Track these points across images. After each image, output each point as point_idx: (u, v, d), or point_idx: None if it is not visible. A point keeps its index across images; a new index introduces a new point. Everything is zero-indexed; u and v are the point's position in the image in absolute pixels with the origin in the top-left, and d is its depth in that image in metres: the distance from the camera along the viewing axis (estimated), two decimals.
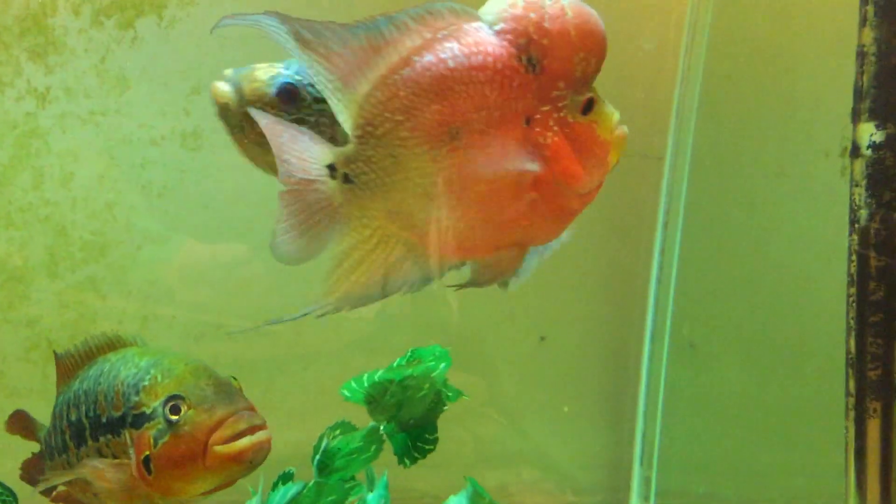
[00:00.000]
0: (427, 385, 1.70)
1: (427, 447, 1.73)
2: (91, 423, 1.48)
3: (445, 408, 1.75)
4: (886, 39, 1.35)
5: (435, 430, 1.76)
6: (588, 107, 1.18)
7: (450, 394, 1.75)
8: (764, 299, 2.59)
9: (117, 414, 1.44)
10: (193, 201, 2.28)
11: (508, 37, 1.15)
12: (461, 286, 1.26)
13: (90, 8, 2.12)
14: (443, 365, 1.74)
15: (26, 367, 2.21)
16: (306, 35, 1.15)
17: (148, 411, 1.40)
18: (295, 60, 1.34)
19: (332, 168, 1.18)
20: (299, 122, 1.32)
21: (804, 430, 2.48)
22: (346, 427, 1.79)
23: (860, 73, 1.40)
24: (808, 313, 2.51)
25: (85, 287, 2.22)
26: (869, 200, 1.38)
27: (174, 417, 1.37)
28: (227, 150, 2.24)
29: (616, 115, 1.21)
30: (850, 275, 1.44)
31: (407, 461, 1.73)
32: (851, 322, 1.42)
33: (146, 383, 1.42)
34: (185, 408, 1.37)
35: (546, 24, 1.15)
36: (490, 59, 1.14)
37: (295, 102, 1.35)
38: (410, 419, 1.74)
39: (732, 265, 2.62)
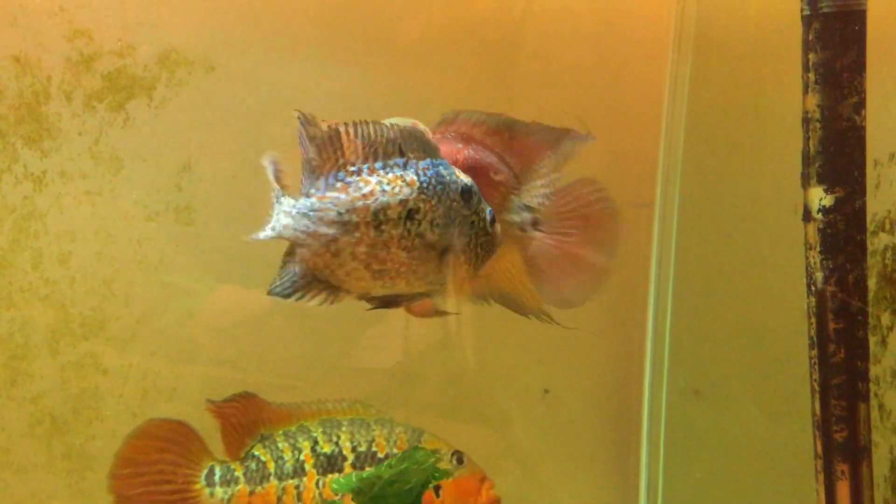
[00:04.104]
0: (415, 479, 1.74)
1: None
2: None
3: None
4: (829, 106, 1.37)
5: None
6: None
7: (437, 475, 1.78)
8: (762, 338, 2.57)
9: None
10: (190, 274, 2.33)
11: None
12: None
13: (82, 93, 2.20)
14: (431, 461, 1.79)
15: (31, 443, 2.25)
16: None
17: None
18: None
19: None
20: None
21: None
22: None
23: (807, 138, 1.41)
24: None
25: (86, 362, 2.27)
26: (823, 264, 1.39)
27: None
28: (218, 224, 2.32)
29: None
30: (810, 337, 1.44)
31: None
32: (815, 385, 1.42)
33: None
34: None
35: None
36: None
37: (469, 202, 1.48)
38: None
39: (727, 309, 2.62)
